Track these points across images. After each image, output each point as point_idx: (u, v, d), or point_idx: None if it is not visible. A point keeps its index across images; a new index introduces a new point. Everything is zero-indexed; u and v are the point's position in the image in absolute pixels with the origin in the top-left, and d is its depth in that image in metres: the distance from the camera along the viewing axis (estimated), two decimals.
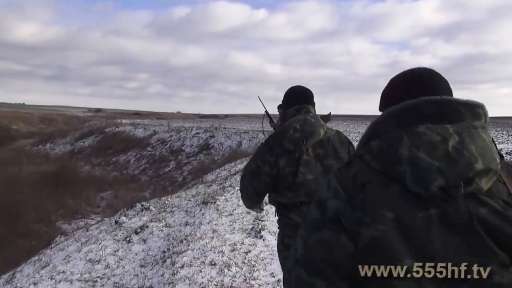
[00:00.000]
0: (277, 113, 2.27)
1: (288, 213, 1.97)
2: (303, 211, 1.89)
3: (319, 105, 2.10)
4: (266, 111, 2.44)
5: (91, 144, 27.45)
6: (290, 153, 1.93)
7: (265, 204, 2.42)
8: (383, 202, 0.76)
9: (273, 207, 2.12)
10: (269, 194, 2.07)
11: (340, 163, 1.87)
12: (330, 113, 2.14)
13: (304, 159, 1.93)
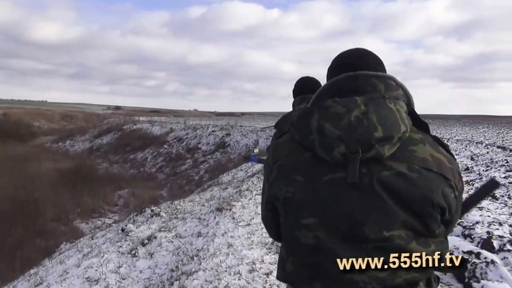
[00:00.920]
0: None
1: None
2: None
3: None
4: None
5: (109, 141, 27.41)
6: None
7: None
8: (295, 168, 0.91)
9: None
10: None
11: None
12: None
13: None
